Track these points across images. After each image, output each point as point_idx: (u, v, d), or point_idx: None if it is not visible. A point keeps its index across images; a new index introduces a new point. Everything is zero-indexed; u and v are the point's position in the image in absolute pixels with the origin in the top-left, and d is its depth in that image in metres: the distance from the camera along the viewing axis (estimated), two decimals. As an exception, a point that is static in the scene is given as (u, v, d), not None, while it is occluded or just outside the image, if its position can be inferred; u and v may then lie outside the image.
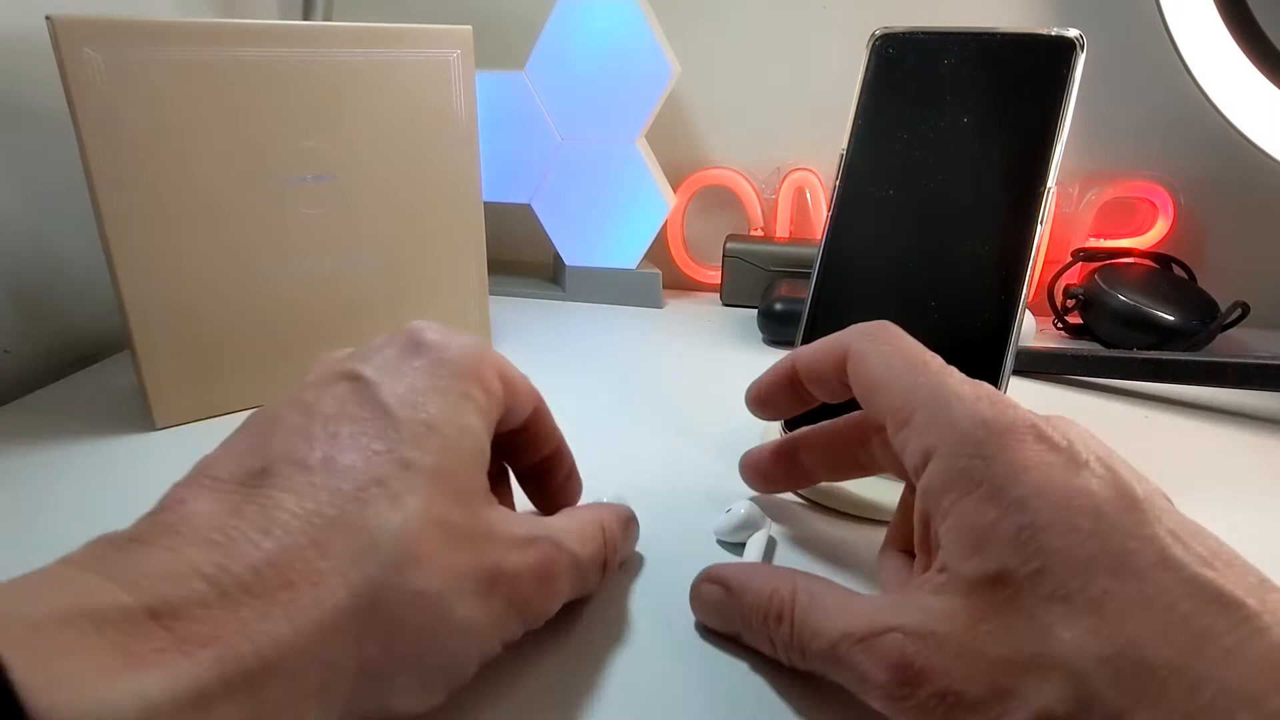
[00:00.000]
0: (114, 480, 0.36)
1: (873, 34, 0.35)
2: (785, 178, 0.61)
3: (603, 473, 0.37)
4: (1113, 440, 0.23)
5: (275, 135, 0.39)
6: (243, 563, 0.18)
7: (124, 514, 0.33)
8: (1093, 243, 0.58)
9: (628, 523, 0.29)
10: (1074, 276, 0.57)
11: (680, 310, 0.60)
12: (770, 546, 0.31)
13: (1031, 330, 0.52)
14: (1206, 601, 0.18)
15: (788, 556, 0.31)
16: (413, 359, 0.24)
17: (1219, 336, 0.50)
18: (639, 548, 0.31)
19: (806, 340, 0.36)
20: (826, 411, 0.30)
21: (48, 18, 0.33)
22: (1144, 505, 0.20)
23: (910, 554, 0.26)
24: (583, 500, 0.31)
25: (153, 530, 0.18)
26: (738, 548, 0.31)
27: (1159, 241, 0.57)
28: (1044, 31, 0.32)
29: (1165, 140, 0.56)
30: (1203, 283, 0.54)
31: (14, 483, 0.36)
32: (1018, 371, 0.48)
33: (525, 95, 0.57)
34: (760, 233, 0.62)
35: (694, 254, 0.64)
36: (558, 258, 0.63)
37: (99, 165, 0.36)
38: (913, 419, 0.23)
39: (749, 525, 0.31)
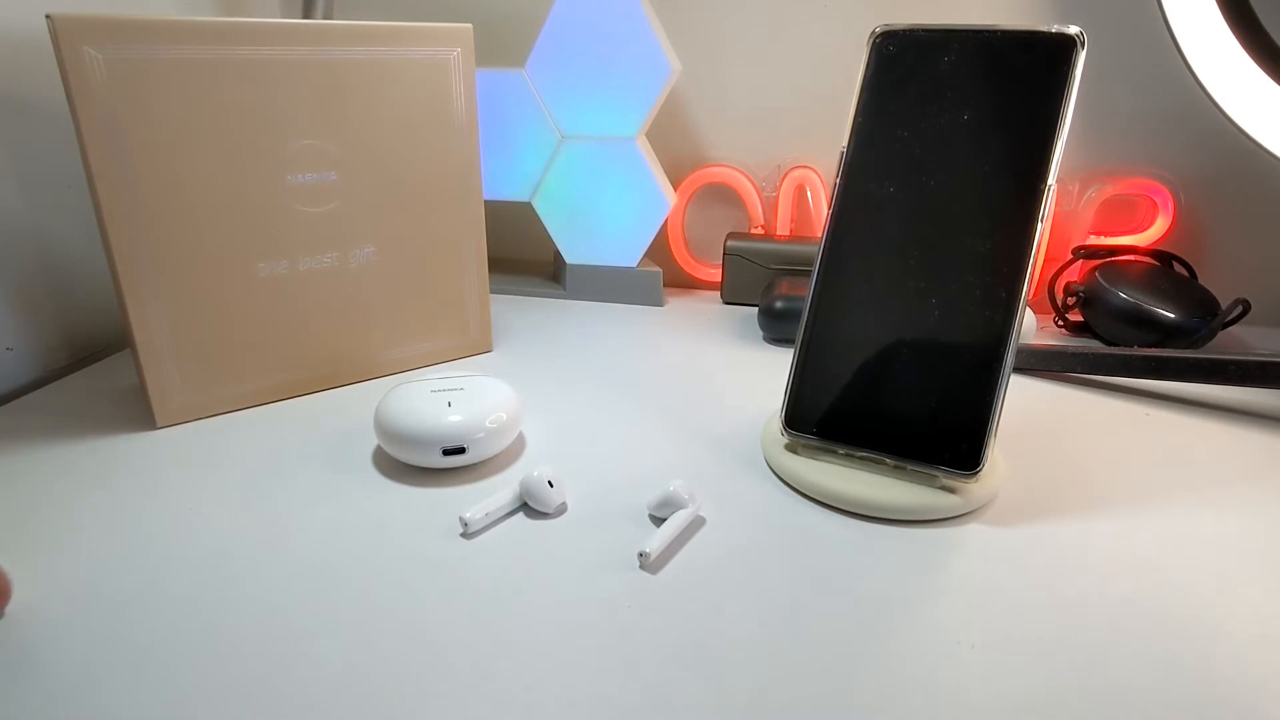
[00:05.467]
0: (114, 480, 0.36)
1: (873, 31, 0.35)
2: (786, 175, 0.61)
3: (604, 471, 0.37)
4: (1113, 438, 0.23)
5: (276, 134, 0.39)
6: None
7: (124, 514, 0.33)
8: (1093, 240, 0.58)
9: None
10: (1074, 274, 0.57)
11: (681, 308, 0.60)
12: (693, 525, 0.33)
13: (1032, 328, 0.52)
14: None
15: (787, 556, 0.31)
16: None
17: (1220, 334, 0.50)
18: (637, 546, 0.31)
19: (807, 339, 0.36)
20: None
21: (48, 16, 0.33)
22: None
23: None
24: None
25: None
26: (661, 521, 0.33)
27: (1159, 239, 0.57)
28: (1044, 29, 0.32)
29: (1166, 137, 0.56)
30: (1203, 280, 0.54)
31: (14, 483, 0.36)
32: (1018, 369, 0.48)
33: (525, 93, 0.57)
34: (761, 231, 0.62)
35: (694, 252, 0.64)
36: (558, 256, 0.63)
37: (99, 164, 0.36)
38: None
39: (670, 504, 0.32)
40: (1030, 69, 0.32)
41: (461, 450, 0.35)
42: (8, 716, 0.23)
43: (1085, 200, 0.58)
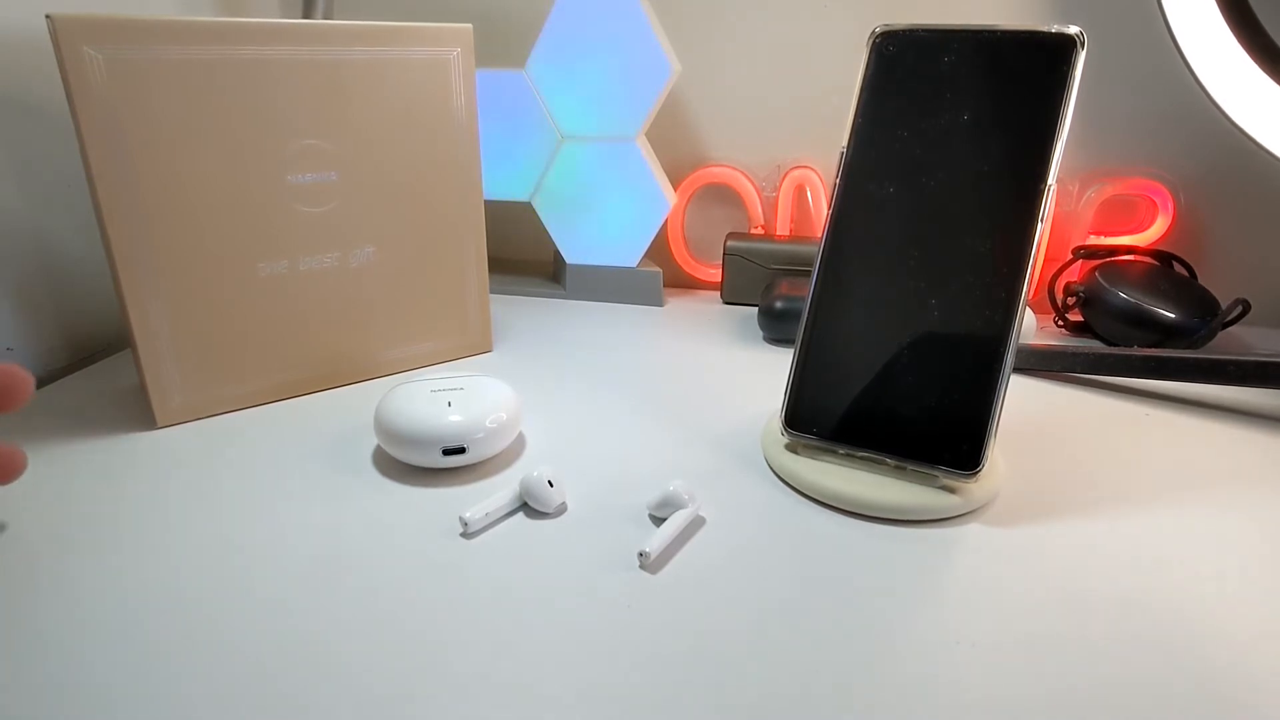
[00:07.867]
0: (114, 480, 0.36)
1: (873, 32, 0.35)
2: (785, 175, 0.61)
3: (604, 471, 0.37)
4: (1113, 438, 0.23)
5: (276, 134, 0.39)
6: None
7: (124, 513, 0.33)
8: (1093, 240, 0.58)
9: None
10: (1074, 274, 0.57)
11: (681, 308, 0.60)
12: (693, 525, 0.33)
13: (1032, 328, 0.52)
14: None
15: (787, 556, 0.31)
16: None
17: (1220, 334, 0.50)
18: (637, 546, 0.31)
19: (807, 339, 0.36)
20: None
21: (48, 16, 0.33)
22: None
23: None
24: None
25: None
26: (661, 521, 0.33)
27: (1159, 239, 0.57)
28: (1044, 29, 0.32)
29: (1165, 137, 0.56)
30: (1203, 280, 0.54)
31: (14, 482, 0.36)
32: (1018, 369, 0.48)
33: (525, 93, 0.57)
34: (761, 231, 0.62)
35: (694, 252, 0.64)
36: (558, 256, 0.63)
37: (99, 164, 0.36)
38: None
39: (670, 504, 0.33)
40: (1030, 69, 0.32)
41: (461, 450, 0.35)
42: (9, 717, 0.23)
43: (1085, 200, 0.58)
